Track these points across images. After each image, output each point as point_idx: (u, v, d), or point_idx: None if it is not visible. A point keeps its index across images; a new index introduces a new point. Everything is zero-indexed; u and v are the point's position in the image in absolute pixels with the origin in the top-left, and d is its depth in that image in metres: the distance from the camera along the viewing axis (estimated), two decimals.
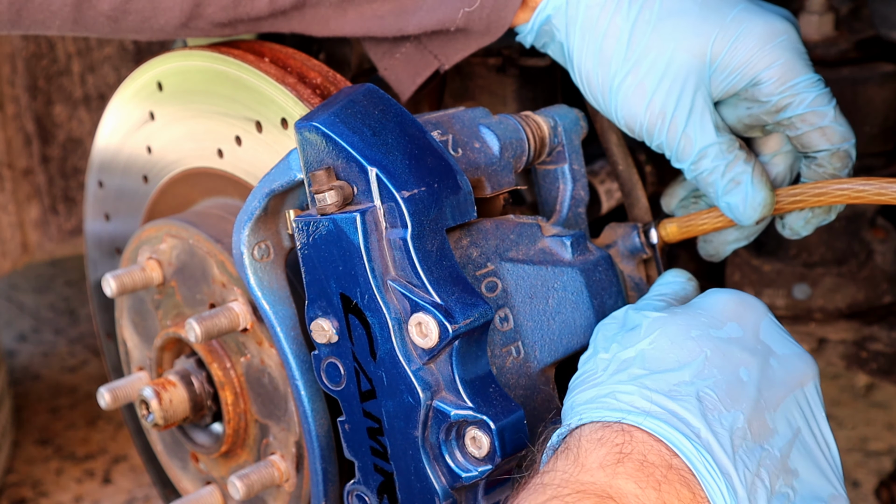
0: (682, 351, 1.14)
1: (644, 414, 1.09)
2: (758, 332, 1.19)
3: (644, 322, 1.17)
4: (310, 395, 1.30)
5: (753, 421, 1.11)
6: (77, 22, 1.36)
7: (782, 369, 1.17)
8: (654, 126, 1.31)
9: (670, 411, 1.09)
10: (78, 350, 3.27)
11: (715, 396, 1.11)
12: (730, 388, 1.12)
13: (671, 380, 1.11)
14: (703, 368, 1.12)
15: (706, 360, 1.13)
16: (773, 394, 1.14)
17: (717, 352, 1.14)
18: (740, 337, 1.17)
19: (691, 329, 1.16)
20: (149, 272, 1.47)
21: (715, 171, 1.31)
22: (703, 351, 1.14)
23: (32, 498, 2.69)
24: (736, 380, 1.13)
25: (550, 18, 1.35)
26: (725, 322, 1.18)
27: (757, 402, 1.12)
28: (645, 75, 1.30)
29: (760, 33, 1.29)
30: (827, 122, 1.30)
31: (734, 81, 1.30)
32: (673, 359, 1.13)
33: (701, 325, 1.17)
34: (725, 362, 1.14)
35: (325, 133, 1.19)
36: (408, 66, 1.45)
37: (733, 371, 1.13)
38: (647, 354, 1.14)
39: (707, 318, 1.18)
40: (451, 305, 1.15)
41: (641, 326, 1.17)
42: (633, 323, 1.18)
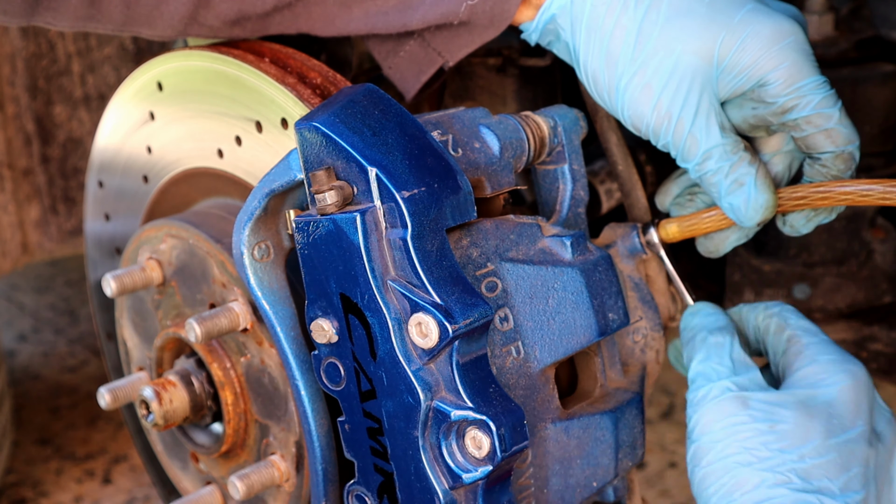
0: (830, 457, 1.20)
1: None
2: (871, 417, 1.25)
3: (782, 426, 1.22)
4: (310, 395, 1.30)
5: None
6: (92, 4, 1.35)
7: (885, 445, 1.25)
8: (661, 126, 1.31)
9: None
10: (78, 350, 3.27)
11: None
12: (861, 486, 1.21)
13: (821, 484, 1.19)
14: (842, 476, 1.20)
15: (845, 465, 1.21)
16: (882, 472, 1.24)
17: (853, 456, 1.22)
18: (865, 432, 1.23)
19: (836, 431, 1.22)
20: (149, 272, 1.47)
21: (719, 172, 1.31)
22: (842, 456, 1.21)
23: (32, 498, 2.69)
24: (864, 485, 1.21)
25: (555, 17, 1.35)
26: (854, 420, 1.24)
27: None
28: (652, 76, 1.30)
29: (768, 35, 1.28)
30: (832, 125, 1.30)
31: (741, 82, 1.30)
32: (823, 463, 1.20)
33: (837, 431, 1.22)
34: (859, 467, 1.21)
35: (325, 133, 1.19)
36: (412, 65, 1.45)
37: (863, 476, 1.21)
38: (796, 454, 1.20)
39: (841, 422, 1.23)
40: (451, 305, 1.15)
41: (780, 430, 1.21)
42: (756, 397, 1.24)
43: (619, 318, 1.33)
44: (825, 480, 1.18)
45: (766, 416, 1.21)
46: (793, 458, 1.19)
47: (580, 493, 1.32)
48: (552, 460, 1.29)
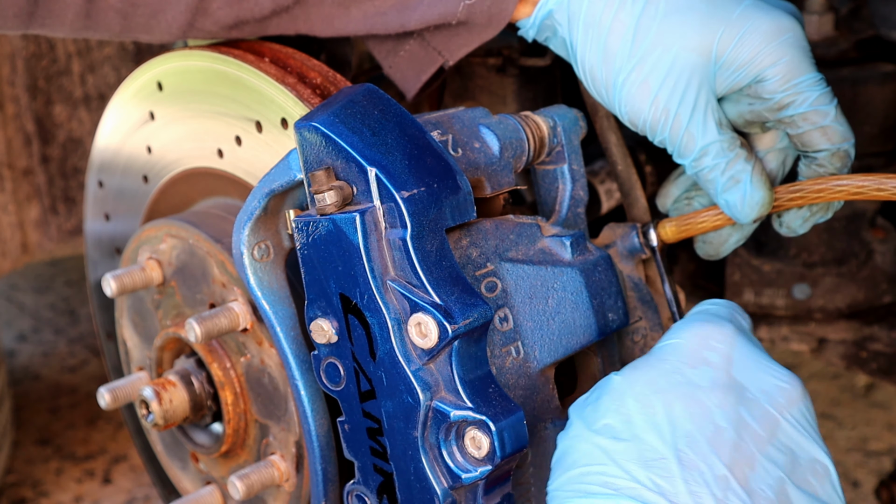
0: (650, 411, 1.08)
1: (614, 496, 1.04)
2: (730, 363, 1.12)
3: (609, 387, 1.12)
4: (310, 396, 1.30)
5: (736, 466, 1.05)
6: (89, 15, 1.36)
7: (763, 399, 1.11)
8: (658, 122, 1.31)
9: (643, 484, 1.04)
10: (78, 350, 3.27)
11: (691, 453, 1.05)
12: (706, 437, 1.06)
13: (643, 446, 1.06)
14: (675, 425, 1.07)
15: (675, 413, 1.07)
16: (756, 429, 1.09)
17: (688, 401, 1.08)
18: (712, 377, 1.10)
19: (658, 382, 1.10)
20: (149, 272, 1.47)
21: (715, 169, 1.31)
22: (672, 406, 1.08)
23: (32, 498, 2.69)
24: (712, 427, 1.07)
25: (552, 13, 1.35)
26: (696, 364, 1.12)
27: (737, 444, 1.07)
28: (650, 72, 1.30)
29: (766, 30, 1.28)
30: (828, 122, 1.30)
31: (739, 78, 1.30)
32: (642, 422, 1.07)
33: (667, 375, 1.11)
34: (698, 411, 1.08)
35: (324, 133, 1.19)
36: (412, 64, 1.45)
37: (708, 418, 1.07)
38: (615, 424, 1.08)
39: (673, 364, 1.12)
40: (451, 306, 1.15)
41: (608, 393, 1.11)
42: (604, 390, 1.13)
43: (619, 318, 1.33)
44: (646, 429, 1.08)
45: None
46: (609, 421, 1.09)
47: None
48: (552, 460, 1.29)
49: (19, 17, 1.34)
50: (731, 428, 1.07)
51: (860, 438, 2.71)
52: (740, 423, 1.08)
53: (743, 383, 1.11)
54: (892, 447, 2.69)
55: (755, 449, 1.07)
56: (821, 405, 2.78)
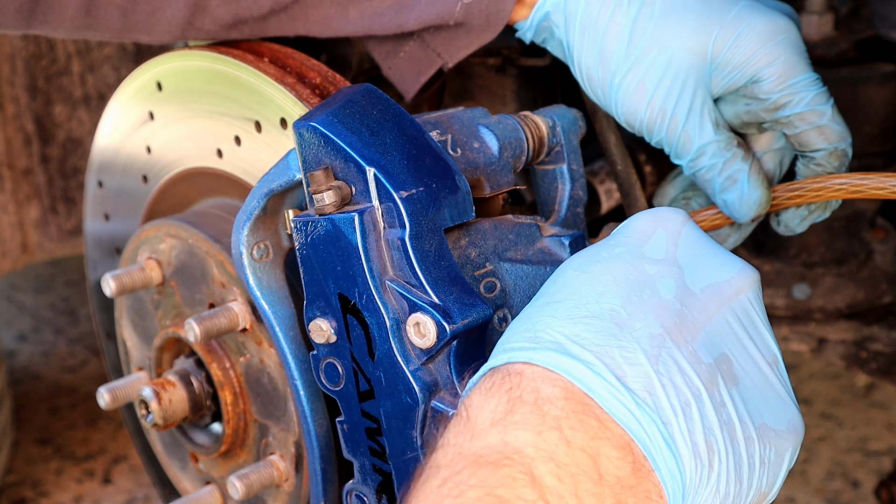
0: (585, 274, 1.02)
1: (531, 347, 0.97)
2: (676, 245, 1.06)
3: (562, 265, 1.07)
4: (309, 395, 1.30)
5: (676, 330, 0.98)
6: (89, 13, 1.36)
7: (709, 280, 1.04)
8: (654, 123, 1.32)
9: (567, 336, 0.97)
10: (78, 350, 3.27)
11: (624, 312, 0.99)
12: (643, 301, 0.99)
13: (570, 304, 1.00)
14: (608, 285, 1.01)
15: (612, 277, 1.01)
16: (699, 305, 1.02)
17: (626, 266, 1.02)
18: (658, 253, 1.04)
19: (600, 252, 1.05)
20: (148, 272, 1.47)
21: (712, 169, 1.31)
22: (610, 270, 1.02)
23: (32, 498, 2.69)
24: (651, 291, 1.00)
25: (549, 15, 1.35)
26: (642, 240, 1.06)
27: (680, 311, 1.00)
28: (646, 73, 1.31)
29: (762, 31, 1.29)
30: (825, 121, 1.31)
31: (735, 79, 1.30)
32: (574, 284, 1.02)
33: (610, 248, 1.05)
34: (636, 275, 1.01)
35: (323, 133, 1.19)
36: (411, 66, 1.45)
37: (647, 282, 1.01)
38: (550, 289, 1.03)
39: (618, 240, 1.06)
40: (449, 305, 1.15)
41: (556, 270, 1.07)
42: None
43: None
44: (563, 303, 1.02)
45: None
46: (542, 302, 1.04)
47: None
48: None
49: (20, 14, 1.34)
50: (674, 298, 1.01)
51: (860, 438, 2.71)
52: (684, 295, 1.01)
53: (690, 265, 1.05)
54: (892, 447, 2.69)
55: (699, 322, 1.01)
56: (821, 405, 2.78)
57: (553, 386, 0.95)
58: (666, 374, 0.96)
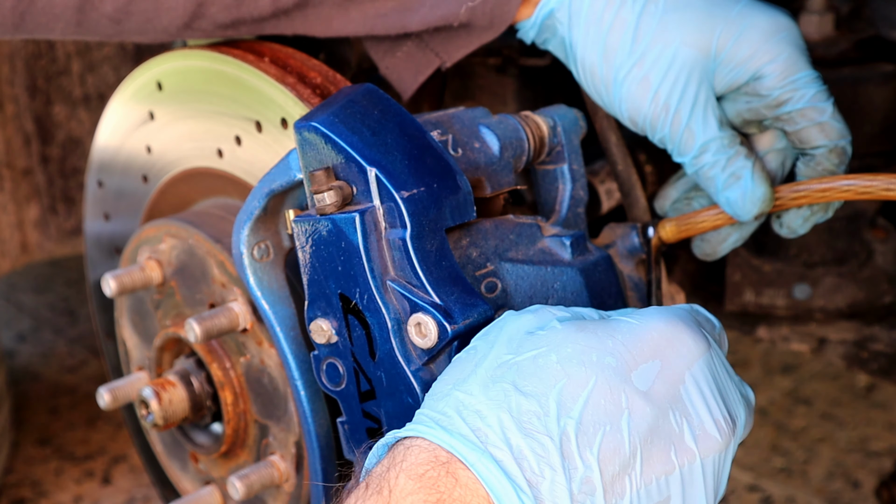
0: (565, 376, 0.97)
1: (478, 449, 0.94)
2: (671, 381, 1.00)
3: (547, 328, 1.02)
4: (309, 396, 1.30)
5: (612, 480, 0.95)
6: (80, 24, 1.36)
7: (680, 433, 0.99)
8: (658, 119, 1.32)
9: (512, 451, 0.94)
10: (78, 350, 3.27)
11: (574, 441, 0.95)
12: (598, 435, 0.96)
13: (533, 407, 0.95)
14: (576, 402, 0.96)
15: (585, 393, 0.96)
16: (652, 457, 0.98)
17: (605, 387, 0.97)
18: (645, 379, 0.99)
19: (591, 353, 0.98)
20: (148, 272, 1.47)
21: (716, 166, 1.31)
22: (588, 382, 0.97)
23: (32, 498, 2.69)
24: (612, 427, 0.96)
25: (554, 12, 1.36)
26: (644, 359, 1.00)
27: (628, 460, 0.96)
28: (650, 68, 1.31)
29: (764, 28, 1.30)
30: (825, 119, 1.31)
31: (738, 76, 1.31)
32: (551, 381, 0.97)
33: (605, 353, 0.99)
34: (608, 402, 0.96)
35: (324, 133, 1.18)
36: (409, 65, 1.45)
37: (613, 415, 0.96)
38: (524, 368, 0.98)
39: (619, 348, 1.00)
40: (451, 306, 1.15)
41: (542, 332, 1.01)
42: (541, 324, 1.03)
43: None
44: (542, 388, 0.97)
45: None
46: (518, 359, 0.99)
47: None
48: None
49: (4, 27, 1.34)
50: (629, 445, 0.97)
51: (860, 438, 2.71)
52: (646, 443, 0.98)
53: (671, 408, 1.00)
54: (893, 447, 2.69)
55: (640, 478, 0.97)
56: (821, 405, 2.78)
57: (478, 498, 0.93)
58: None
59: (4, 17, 1.33)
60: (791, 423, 2.72)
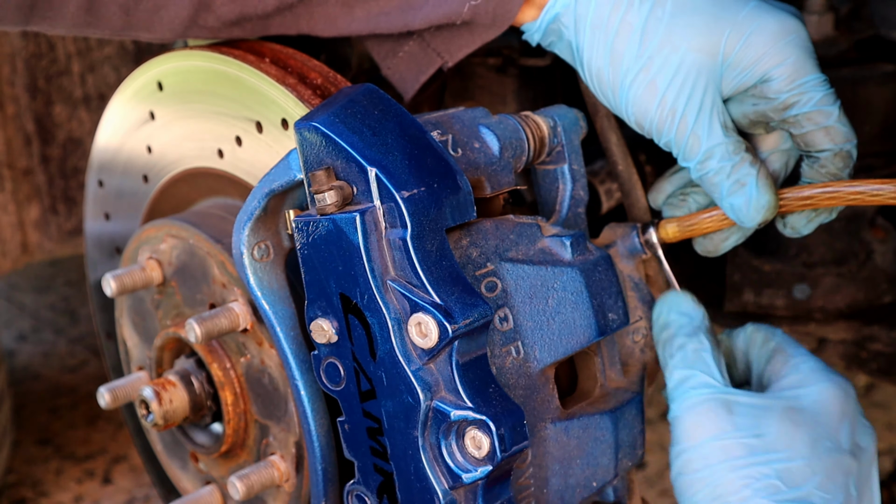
0: (815, 466, 1.21)
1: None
2: (854, 429, 1.26)
3: (762, 413, 1.23)
4: (310, 396, 1.30)
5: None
6: (90, 10, 1.35)
7: (866, 461, 1.26)
8: (664, 124, 1.31)
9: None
10: (78, 350, 3.27)
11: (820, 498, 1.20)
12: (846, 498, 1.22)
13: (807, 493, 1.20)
14: (829, 483, 1.21)
15: (831, 475, 1.21)
16: (862, 490, 1.24)
17: (837, 467, 1.22)
18: (847, 442, 1.24)
19: (821, 440, 1.22)
20: (149, 272, 1.47)
21: (721, 172, 1.31)
22: (826, 466, 1.21)
23: (32, 498, 2.69)
24: (845, 492, 1.22)
25: (559, 16, 1.35)
26: (838, 429, 1.24)
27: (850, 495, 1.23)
28: (657, 73, 1.30)
29: (772, 31, 1.29)
30: (832, 122, 1.31)
31: (745, 79, 1.30)
32: (808, 472, 1.21)
33: (824, 440, 1.23)
34: (841, 477, 1.22)
35: (324, 133, 1.18)
36: (411, 65, 1.45)
37: (845, 486, 1.22)
38: (782, 464, 1.21)
39: (828, 431, 1.23)
40: (451, 305, 1.15)
41: (756, 414, 1.23)
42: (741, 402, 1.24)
43: (619, 318, 1.33)
44: (810, 488, 1.20)
45: (751, 422, 1.22)
46: (778, 466, 1.20)
47: (580, 492, 1.32)
48: (552, 460, 1.29)
49: (21, 10, 1.34)
50: (856, 497, 1.23)
51: None
52: (861, 489, 1.24)
53: (859, 444, 1.25)
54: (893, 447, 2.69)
55: None
56: None
57: None
58: None
59: (17, 6, 1.33)
60: None
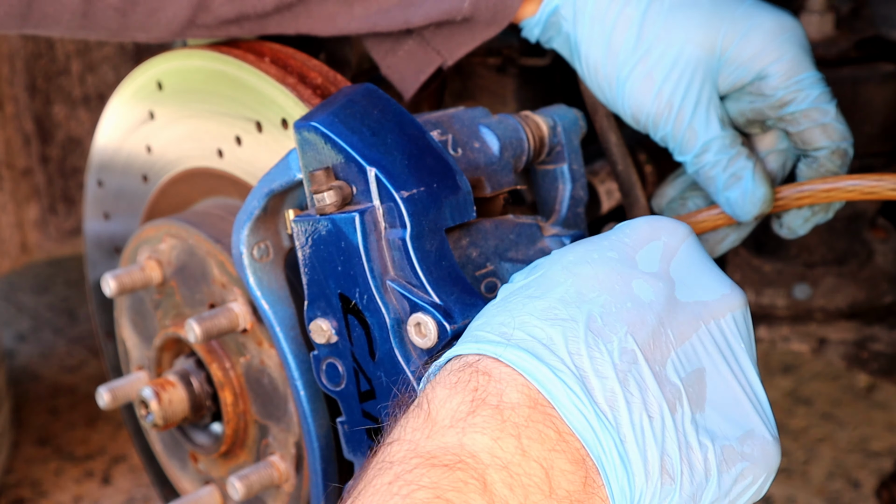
0: (572, 275, 1.01)
1: (504, 344, 0.96)
2: (671, 258, 1.05)
3: (547, 257, 1.06)
4: (309, 396, 1.30)
5: (649, 348, 0.97)
6: (86, 15, 1.35)
7: (694, 297, 1.03)
8: (661, 117, 1.32)
9: (539, 339, 0.96)
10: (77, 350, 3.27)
11: (600, 321, 0.97)
12: (622, 312, 0.98)
13: (550, 303, 0.98)
14: (592, 290, 0.99)
15: (598, 282, 1.00)
16: (678, 322, 1.00)
17: (614, 274, 1.01)
18: (650, 265, 1.03)
19: (591, 254, 1.03)
20: (148, 272, 1.47)
21: (717, 165, 1.31)
22: (595, 273, 1.01)
23: (32, 498, 2.69)
24: (633, 303, 0.99)
25: (558, 9, 1.36)
26: (637, 249, 1.04)
27: (657, 328, 0.99)
28: (654, 66, 1.31)
29: (769, 27, 1.30)
30: (828, 120, 1.32)
31: (742, 75, 1.31)
32: (559, 282, 1.00)
33: (603, 250, 1.03)
34: (622, 285, 1.00)
35: (323, 133, 1.18)
36: (411, 64, 1.45)
37: (630, 294, 1.00)
38: (534, 282, 1.02)
39: (613, 243, 1.05)
40: (450, 306, 1.14)
41: (543, 260, 1.06)
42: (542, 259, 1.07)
43: None
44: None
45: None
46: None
47: None
48: None
49: (12, 18, 1.34)
50: (654, 312, 1.00)
51: (861, 439, 2.71)
52: (665, 310, 1.00)
53: (681, 275, 1.04)
54: (893, 447, 2.69)
55: (675, 340, 0.99)
56: (821, 405, 2.78)
57: (518, 392, 0.94)
58: (631, 390, 0.95)
59: (12, 6, 1.33)
60: (791, 424, 2.72)
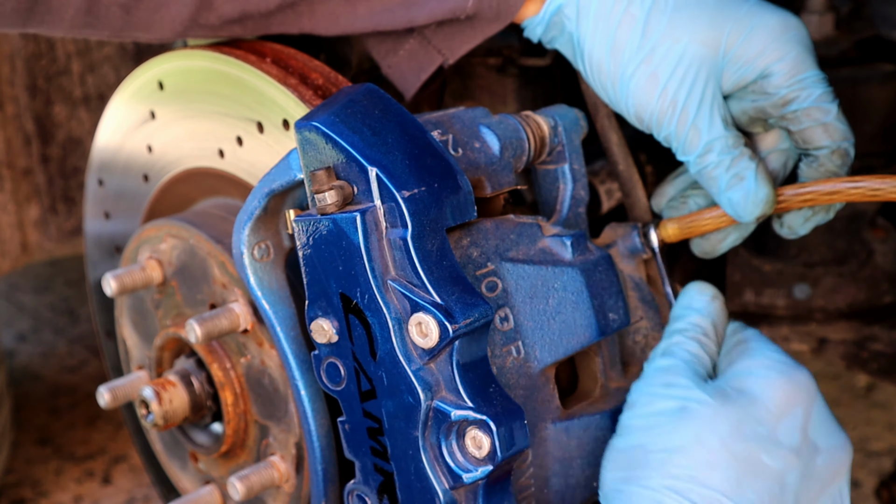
0: (731, 457, 1.15)
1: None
2: (808, 425, 1.19)
3: (693, 408, 1.17)
4: (310, 396, 1.30)
5: None
6: (89, 12, 1.35)
7: (823, 466, 1.19)
8: (665, 116, 1.32)
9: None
10: (77, 350, 3.27)
11: None
12: (770, 499, 1.14)
13: (714, 493, 1.13)
14: (749, 479, 1.14)
15: (754, 470, 1.14)
16: (809, 496, 1.17)
17: (768, 457, 1.16)
18: (791, 436, 1.18)
19: (744, 427, 1.16)
20: (149, 272, 1.47)
21: (720, 166, 1.31)
22: (752, 457, 1.15)
23: (32, 498, 2.69)
24: (778, 489, 1.15)
25: (562, 8, 1.36)
26: (780, 418, 1.18)
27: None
28: (658, 64, 1.31)
29: (773, 26, 1.30)
30: (830, 119, 1.32)
31: (746, 73, 1.31)
32: (722, 465, 1.14)
33: (753, 424, 1.17)
34: (772, 470, 1.15)
35: (324, 133, 1.18)
36: (412, 63, 1.45)
37: (779, 479, 1.15)
38: (695, 454, 1.15)
39: (761, 415, 1.18)
40: (452, 305, 1.14)
41: (689, 412, 1.17)
42: (680, 397, 1.18)
43: (620, 318, 1.33)
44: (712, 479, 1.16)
45: (678, 395, 1.20)
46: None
47: (580, 493, 1.32)
48: (552, 460, 1.29)
49: (17, 13, 1.33)
50: (792, 494, 1.16)
51: (860, 439, 2.71)
52: (801, 488, 1.16)
53: (815, 447, 1.19)
54: (893, 447, 2.69)
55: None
56: None
57: None
58: None
59: (14, 9, 1.33)
60: None
